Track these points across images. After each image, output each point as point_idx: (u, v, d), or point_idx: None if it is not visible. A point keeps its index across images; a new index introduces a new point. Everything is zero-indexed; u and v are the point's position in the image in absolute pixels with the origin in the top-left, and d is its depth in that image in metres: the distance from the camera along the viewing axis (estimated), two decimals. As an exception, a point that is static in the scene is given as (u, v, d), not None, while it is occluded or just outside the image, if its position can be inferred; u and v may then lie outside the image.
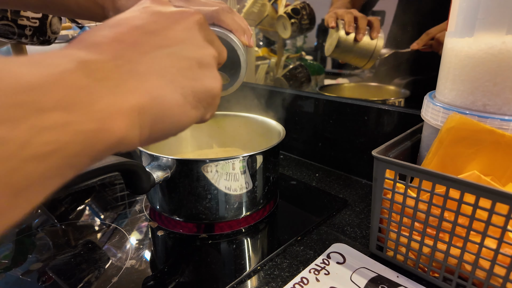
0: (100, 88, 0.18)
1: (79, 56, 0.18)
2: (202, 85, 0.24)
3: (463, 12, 0.41)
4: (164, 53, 0.23)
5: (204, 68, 0.25)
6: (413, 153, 0.51)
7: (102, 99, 0.18)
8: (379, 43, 0.72)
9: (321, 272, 0.44)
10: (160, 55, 0.23)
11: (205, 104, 0.25)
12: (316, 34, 1.03)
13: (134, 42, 0.22)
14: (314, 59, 1.06)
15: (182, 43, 0.24)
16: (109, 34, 0.22)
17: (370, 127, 0.68)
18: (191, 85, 0.24)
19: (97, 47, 0.20)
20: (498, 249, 0.35)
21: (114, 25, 0.23)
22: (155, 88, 0.21)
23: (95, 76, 0.18)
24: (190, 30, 0.25)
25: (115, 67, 0.20)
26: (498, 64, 0.39)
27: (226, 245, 0.51)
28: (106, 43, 0.21)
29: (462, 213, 0.36)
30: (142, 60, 0.21)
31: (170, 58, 0.23)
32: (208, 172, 0.49)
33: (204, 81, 0.25)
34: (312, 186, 0.69)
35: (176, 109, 0.22)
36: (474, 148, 0.41)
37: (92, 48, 0.20)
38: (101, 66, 0.19)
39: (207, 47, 0.26)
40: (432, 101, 0.46)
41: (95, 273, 0.45)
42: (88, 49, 0.20)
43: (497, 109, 0.40)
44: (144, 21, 0.23)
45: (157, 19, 0.24)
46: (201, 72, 0.25)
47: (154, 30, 0.23)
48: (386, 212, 0.44)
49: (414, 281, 0.43)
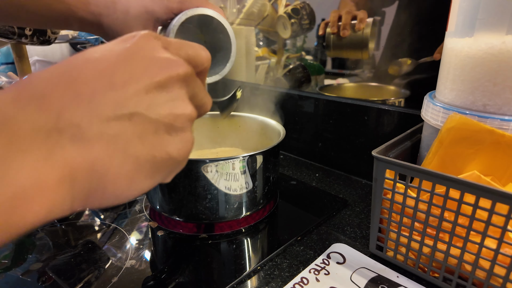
0: (20, 162, 0.16)
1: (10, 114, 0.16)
2: (165, 152, 0.21)
3: (463, 12, 0.41)
4: (126, 114, 0.19)
5: (173, 132, 0.22)
6: (413, 153, 0.51)
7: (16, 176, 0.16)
8: (366, 31, 0.74)
9: (321, 272, 0.44)
10: (120, 117, 0.19)
11: (165, 172, 0.22)
12: (316, 34, 1.03)
13: (92, 98, 0.18)
14: (314, 59, 1.06)
15: (153, 103, 0.20)
16: (66, 80, 0.18)
17: (370, 127, 0.68)
18: (150, 153, 0.21)
19: (41, 99, 0.17)
20: (498, 249, 0.35)
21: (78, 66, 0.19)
22: (98, 158, 0.18)
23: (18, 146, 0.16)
24: (168, 86, 0.21)
25: (54, 130, 0.17)
26: (498, 64, 0.39)
27: (226, 245, 0.51)
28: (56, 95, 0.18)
29: (462, 213, 0.36)
30: (93, 123, 0.18)
31: (132, 121, 0.20)
32: (208, 172, 0.48)
33: (170, 147, 0.22)
34: (312, 186, 0.69)
35: (121, 180, 0.20)
36: (474, 148, 0.41)
37: (35, 100, 0.17)
38: (32, 132, 0.16)
39: (184, 107, 0.22)
40: (432, 101, 0.46)
41: (95, 273, 0.45)
42: (29, 102, 0.17)
43: (497, 109, 0.40)
44: (116, 67, 0.20)
45: (133, 68, 0.20)
46: (168, 137, 0.21)
47: (123, 82, 0.19)
48: (386, 212, 0.44)
49: (414, 281, 0.43)
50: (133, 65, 0.20)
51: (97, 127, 0.18)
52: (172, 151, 0.22)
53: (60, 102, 0.17)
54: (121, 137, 0.19)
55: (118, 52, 0.20)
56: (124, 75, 0.20)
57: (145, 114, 0.20)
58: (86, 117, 0.18)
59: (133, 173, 0.20)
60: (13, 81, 0.80)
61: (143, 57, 0.21)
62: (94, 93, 0.18)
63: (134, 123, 0.20)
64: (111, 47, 0.21)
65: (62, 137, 0.17)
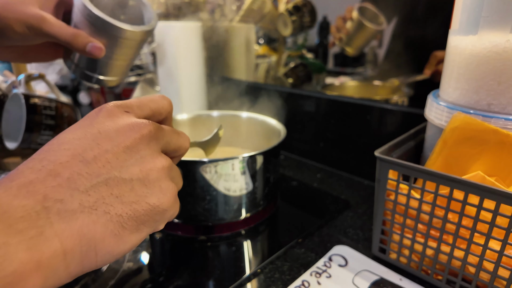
0: (17, 242, 0.18)
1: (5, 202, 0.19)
2: (146, 204, 0.24)
3: (467, 10, 0.40)
4: (101, 181, 0.22)
5: (149, 184, 0.24)
6: (416, 154, 0.51)
7: (16, 255, 0.18)
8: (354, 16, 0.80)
9: (323, 275, 0.44)
10: (97, 185, 0.22)
11: (151, 222, 0.24)
12: (318, 32, 1.02)
13: (70, 176, 0.21)
14: (315, 57, 1.05)
15: (124, 165, 0.23)
16: (46, 165, 0.21)
17: (372, 127, 0.68)
18: (131, 209, 0.23)
19: (29, 186, 0.20)
20: (502, 251, 0.34)
21: (54, 150, 0.22)
22: (85, 225, 0.21)
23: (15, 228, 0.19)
24: (135, 147, 0.24)
25: (42, 210, 0.20)
26: (503, 62, 0.38)
27: (226, 247, 0.50)
28: (40, 179, 0.21)
29: (466, 214, 0.36)
30: (74, 196, 0.21)
31: (107, 185, 0.22)
32: (207, 172, 0.48)
33: (149, 199, 0.24)
34: (314, 187, 0.69)
35: (109, 239, 0.22)
36: (478, 148, 0.40)
37: (24, 187, 0.20)
38: (25, 215, 0.19)
39: (153, 161, 0.25)
40: (436, 100, 0.45)
41: (92, 276, 0.44)
42: (19, 189, 0.20)
43: (502, 109, 0.39)
44: (85, 146, 0.23)
45: (100, 141, 0.23)
46: (145, 190, 0.24)
47: (94, 157, 0.22)
48: (389, 214, 0.43)
49: (417, 284, 0.42)
50: (100, 139, 0.23)
51: (78, 198, 0.21)
52: (153, 201, 0.24)
53: (44, 184, 0.21)
54: (101, 202, 0.22)
55: (87, 130, 0.24)
56: (94, 150, 0.23)
57: (118, 176, 0.23)
58: (67, 192, 0.21)
59: (118, 231, 0.22)
60: (8, 79, 0.80)
61: (108, 129, 0.24)
62: (71, 172, 0.21)
63: (110, 186, 0.22)
64: (81, 126, 0.24)
65: (50, 214, 0.20)
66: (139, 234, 0.24)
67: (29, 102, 0.65)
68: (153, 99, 0.29)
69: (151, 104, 0.28)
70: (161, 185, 0.25)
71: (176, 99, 0.89)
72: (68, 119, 0.69)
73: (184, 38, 0.84)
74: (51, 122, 0.65)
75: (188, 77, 0.88)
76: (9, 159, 0.72)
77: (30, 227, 0.19)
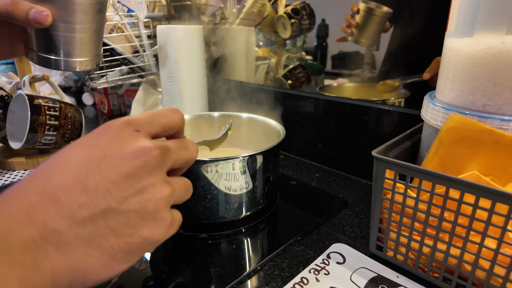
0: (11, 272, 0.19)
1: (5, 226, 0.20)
2: (138, 237, 0.24)
3: (463, 12, 0.41)
4: (99, 212, 0.22)
5: (146, 216, 0.24)
6: (413, 153, 0.51)
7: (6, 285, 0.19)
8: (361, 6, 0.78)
9: (321, 272, 0.44)
10: (94, 216, 0.22)
11: (141, 253, 0.25)
12: (316, 34, 1.03)
13: (69, 206, 0.21)
14: (314, 59, 1.06)
15: (123, 195, 0.23)
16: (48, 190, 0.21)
17: (370, 127, 0.68)
18: (123, 241, 0.23)
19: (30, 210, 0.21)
20: (498, 249, 0.35)
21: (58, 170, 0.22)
22: (78, 259, 0.21)
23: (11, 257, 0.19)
24: (137, 177, 0.24)
25: (40, 240, 0.20)
26: (498, 64, 0.39)
27: (226, 245, 0.51)
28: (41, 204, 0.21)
29: (462, 213, 0.36)
30: (71, 228, 0.21)
31: (104, 217, 0.22)
32: (208, 172, 0.49)
33: (143, 231, 0.24)
34: (312, 186, 0.69)
35: (99, 270, 0.22)
36: (474, 148, 0.41)
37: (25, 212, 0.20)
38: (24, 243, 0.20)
39: (154, 191, 0.24)
40: (432, 101, 0.46)
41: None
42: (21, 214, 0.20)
43: (497, 109, 0.40)
44: (88, 171, 0.22)
45: (103, 167, 0.23)
46: (140, 223, 0.24)
47: (95, 185, 0.22)
48: (386, 212, 0.44)
49: (414, 281, 0.43)
50: (104, 165, 0.23)
51: (75, 231, 0.21)
52: (146, 234, 0.24)
53: (44, 211, 0.21)
54: (96, 234, 0.22)
55: (92, 153, 0.23)
56: (96, 177, 0.22)
57: (116, 208, 0.23)
58: (65, 223, 0.21)
59: (109, 262, 0.23)
60: (13, 81, 0.80)
61: (113, 154, 0.23)
62: (71, 201, 0.21)
63: (107, 218, 0.22)
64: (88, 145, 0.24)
65: (47, 245, 0.20)
66: (128, 264, 0.24)
67: (33, 102, 0.65)
68: (164, 114, 0.28)
69: (162, 120, 0.28)
70: (156, 217, 0.25)
71: (178, 100, 0.90)
72: (71, 120, 0.69)
73: (186, 41, 0.85)
74: (55, 122, 0.66)
75: (190, 79, 0.88)
76: (14, 158, 0.73)
77: (27, 255, 0.20)
